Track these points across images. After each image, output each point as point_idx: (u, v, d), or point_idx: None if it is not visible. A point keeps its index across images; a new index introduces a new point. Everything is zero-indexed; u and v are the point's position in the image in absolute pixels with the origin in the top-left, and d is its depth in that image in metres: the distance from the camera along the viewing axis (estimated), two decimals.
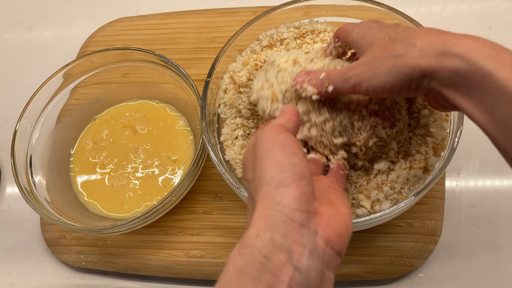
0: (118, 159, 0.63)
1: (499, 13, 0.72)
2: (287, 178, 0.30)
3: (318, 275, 0.29)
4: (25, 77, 0.78)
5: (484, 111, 0.30)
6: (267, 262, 0.28)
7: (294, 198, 0.30)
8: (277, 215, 0.29)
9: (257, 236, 0.29)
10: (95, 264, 0.59)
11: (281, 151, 0.32)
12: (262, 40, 0.56)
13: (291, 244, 0.29)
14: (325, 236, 0.30)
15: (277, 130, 0.34)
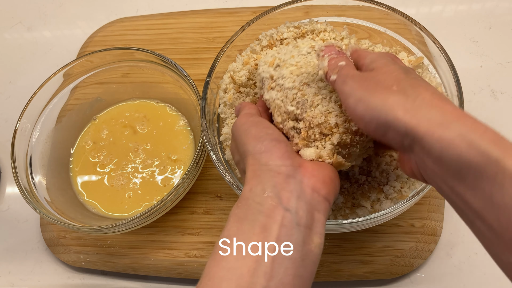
0: (118, 159, 0.63)
1: (499, 13, 0.72)
2: (266, 144, 0.36)
3: (308, 215, 0.33)
4: (25, 77, 0.78)
5: (481, 197, 0.27)
6: (260, 207, 0.33)
7: (277, 157, 0.35)
8: (265, 173, 0.34)
9: (250, 190, 0.34)
10: (95, 264, 0.59)
11: (255, 128, 0.38)
12: (262, 40, 0.56)
13: (280, 191, 0.33)
14: (310, 183, 0.35)
15: (246, 116, 0.40)
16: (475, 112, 0.64)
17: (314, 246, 0.33)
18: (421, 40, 0.52)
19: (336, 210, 0.47)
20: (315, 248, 0.33)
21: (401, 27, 0.54)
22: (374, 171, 0.48)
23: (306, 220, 0.33)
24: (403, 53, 0.53)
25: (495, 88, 0.66)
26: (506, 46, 0.69)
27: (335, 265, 0.54)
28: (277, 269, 0.31)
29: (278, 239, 0.31)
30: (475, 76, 0.67)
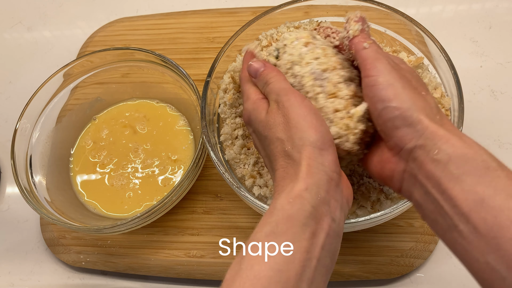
0: (118, 159, 0.63)
1: (499, 13, 0.72)
2: (326, 142, 0.35)
3: (342, 225, 0.35)
4: (25, 77, 0.78)
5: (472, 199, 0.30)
6: (314, 212, 0.32)
7: (332, 161, 0.35)
8: (321, 174, 0.34)
9: (306, 189, 0.33)
10: (95, 264, 0.59)
11: (316, 118, 0.36)
12: (262, 40, 0.56)
13: (330, 199, 0.34)
14: (346, 195, 0.36)
15: (299, 95, 0.38)
16: (475, 112, 0.64)
17: (337, 255, 0.35)
18: (421, 40, 0.52)
19: None
20: (337, 256, 0.35)
21: (401, 27, 0.54)
22: None
23: (342, 230, 0.35)
24: (403, 53, 0.53)
25: (495, 88, 0.66)
26: (506, 46, 0.69)
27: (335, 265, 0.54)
28: (317, 276, 0.31)
29: (323, 247, 0.32)
30: (475, 76, 0.67)
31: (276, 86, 0.39)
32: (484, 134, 0.62)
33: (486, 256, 0.28)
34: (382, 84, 0.34)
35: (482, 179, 0.30)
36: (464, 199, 0.30)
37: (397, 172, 0.35)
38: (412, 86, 0.35)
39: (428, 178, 0.32)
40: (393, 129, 0.34)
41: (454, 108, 0.48)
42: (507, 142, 0.61)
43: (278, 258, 0.30)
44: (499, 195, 0.29)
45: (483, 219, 0.29)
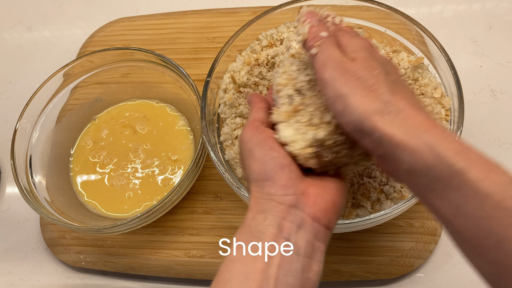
0: (118, 159, 0.63)
1: (499, 13, 0.72)
2: (269, 172, 0.35)
3: (307, 245, 0.34)
4: (25, 77, 0.78)
5: (450, 207, 0.29)
6: (261, 235, 0.33)
7: (280, 187, 0.35)
8: (267, 202, 0.35)
9: (253, 218, 0.35)
10: (95, 264, 0.59)
11: (259, 149, 0.37)
12: (262, 40, 0.56)
13: (281, 221, 0.34)
14: (312, 212, 0.34)
15: (252, 128, 0.38)
16: (475, 112, 0.64)
17: (313, 274, 0.34)
18: (421, 40, 0.52)
19: None
20: (314, 275, 0.34)
21: (401, 27, 0.54)
22: (374, 171, 0.48)
23: (305, 250, 0.34)
24: (403, 53, 0.53)
25: (495, 88, 0.66)
26: (506, 46, 0.69)
27: (335, 265, 0.54)
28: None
29: (279, 267, 0.32)
30: (475, 76, 0.67)
31: (248, 117, 0.41)
32: (484, 134, 0.62)
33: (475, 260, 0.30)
34: (331, 98, 0.33)
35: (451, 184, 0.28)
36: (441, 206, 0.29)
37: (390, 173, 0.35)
38: (361, 86, 0.32)
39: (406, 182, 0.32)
40: (359, 140, 0.33)
41: (454, 108, 0.48)
42: (507, 142, 0.61)
43: (235, 281, 0.32)
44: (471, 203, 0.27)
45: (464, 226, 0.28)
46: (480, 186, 0.27)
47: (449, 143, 0.29)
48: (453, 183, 0.28)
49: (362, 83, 0.32)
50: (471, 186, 0.27)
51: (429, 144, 0.29)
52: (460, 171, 0.28)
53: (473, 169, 0.27)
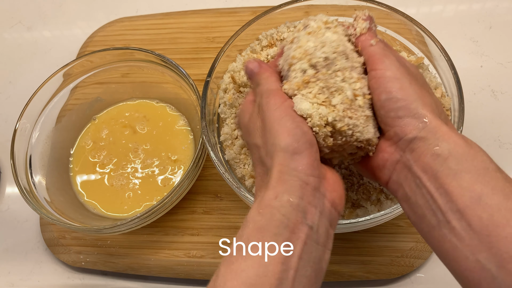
0: (117, 159, 0.63)
1: (500, 13, 0.72)
2: (300, 145, 0.33)
3: (325, 232, 0.33)
4: (25, 77, 0.78)
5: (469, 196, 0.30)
6: (285, 220, 0.31)
7: (307, 165, 0.33)
8: (293, 180, 0.32)
9: (276, 197, 0.32)
10: (95, 264, 0.59)
11: (291, 120, 0.34)
12: (262, 40, 0.56)
13: (306, 205, 0.32)
14: (331, 198, 0.34)
15: (281, 97, 0.36)
16: (475, 112, 0.64)
17: (324, 263, 0.33)
18: (421, 40, 0.52)
19: None
20: (325, 264, 0.33)
21: (401, 27, 0.54)
22: None
23: (324, 238, 0.33)
24: (403, 53, 0.53)
25: (496, 88, 0.66)
26: (507, 46, 0.69)
27: (335, 265, 0.54)
28: (296, 286, 0.30)
29: (300, 257, 0.30)
30: (476, 76, 0.67)
31: (264, 88, 0.38)
32: (485, 134, 0.62)
33: (477, 254, 0.28)
34: (389, 77, 0.34)
35: (481, 177, 0.30)
36: (460, 195, 0.30)
37: (390, 162, 0.35)
38: (419, 84, 0.35)
39: (425, 171, 0.32)
40: (396, 119, 0.34)
41: (455, 108, 0.48)
42: (507, 142, 0.61)
43: (251, 272, 0.29)
44: (497, 195, 0.29)
45: (479, 216, 0.29)
46: (508, 185, 0.29)
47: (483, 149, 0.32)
48: (484, 176, 0.30)
49: (418, 82, 0.35)
50: (501, 184, 0.29)
51: (470, 142, 0.32)
52: (493, 169, 0.30)
53: (504, 172, 0.30)
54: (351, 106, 0.36)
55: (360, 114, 0.36)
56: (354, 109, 0.36)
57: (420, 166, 0.32)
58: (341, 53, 0.38)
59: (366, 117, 0.36)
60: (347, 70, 0.37)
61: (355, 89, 0.37)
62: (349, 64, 0.38)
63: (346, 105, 0.36)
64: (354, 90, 0.37)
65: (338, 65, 0.37)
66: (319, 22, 0.39)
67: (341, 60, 0.37)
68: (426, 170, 0.32)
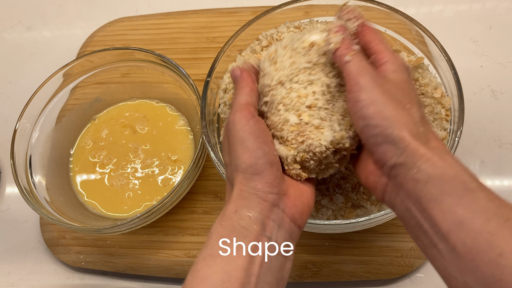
0: (117, 159, 0.63)
1: (500, 12, 0.72)
2: (260, 166, 0.35)
3: (284, 245, 0.35)
4: (25, 77, 0.78)
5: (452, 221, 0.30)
6: (245, 231, 0.33)
7: (266, 183, 0.35)
8: (252, 197, 0.35)
9: (236, 211, 0.35)
10: (95, 264, 0.59)
11: (253, 140, 0.36)
12: (262, 40, 0.56)
13: (264, 219, 0.34)
14: (290, 213, 0.36)
15: (247, 115, 0.37)
16: (476, 112, 0.64)
17: (286, 272, 0.35)
18: (421, 40, 0.52)
19: (336, 210, 0.47)
20: (287, 273, 0.35)
21: (401, 27, 0.54)
22: None
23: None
24: (403, 53, 0.53)
25: (495, 88, 0.66)
26: (507, 46, 0.69)
27: (335, 265, 0.54)
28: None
29: (261, 265, 0.33)
30: (476, 76, 0.67)
31: (235, 100, 0.39)
32: (484, 134, 0.62)
33: (464, 276, 0.29)
34: (364, 101, 0.34)
35: (461, 200, 0.30)
36: (443, 220, 0.30)
37: (380, 184, 0.35)
38: (395, 101, 0.34)
39: (409, 196, 0.32)
40: (375, 146, 0.34)
41: (455, 108, 0.48)
42: (507, 142, 0.61)
43: (216, 278, 0.31)
44: (478, 218, 0.29)
45: (462, 241, 0.29)
46: (489, 205, 0.29)
47: (465, 166, 0.32)
48: (464, 198, 0.30)
49: (397, 99, 0.34)
50: (482, 205, 0.29)
51: (450, 162, 0.32)
52: (474, 189, 0.30)
53: (485, 189, 0.30)
54: (299, 130, 0.38)
55: (309, 131, 0.38)
56: (302, 131, 0.38)
57: (405, 191, 0.33)
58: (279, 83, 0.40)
59: (315, 128, 0.38)
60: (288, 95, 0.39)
61: (298, 110, 0.38)
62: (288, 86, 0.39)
63: (294, 133, 0.38)
64: (296, 112, 0.38)
65: (277, 99, 0.39)
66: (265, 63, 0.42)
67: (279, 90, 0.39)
68: (410, 195, 0.32)
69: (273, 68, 0.41)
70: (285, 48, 0.41)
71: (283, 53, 0.41)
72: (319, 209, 0.48)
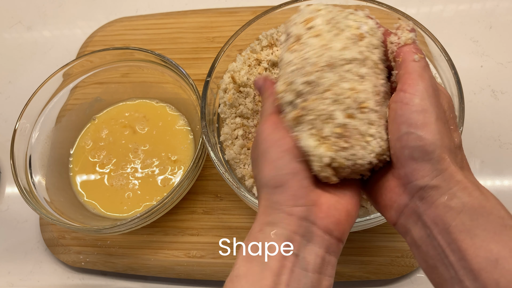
0: (117, 159, 0.63)
1: (500, 12, 0.72)
2: (282, 177, 0.33)
3: (317, 259, 0.32)
4: (25, 77, 0.78)
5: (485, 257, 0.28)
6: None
7: (290, 196, 0.32)
8: (276, 212, 0.32)
9: (260, 230, 0.32)
10: (95, 264, 0.59)
11: (276, 150, 0.34)
12: (262, 40, 0.56)
13: (290, 234, 0.32)
14: (323, 225, 0.32)
15: (270, 125, 0.35)
16: (476, 112, 0.64)
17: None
18: (421, 40, 0.52)
19: None
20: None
21: None
22: None
23: (314, 265, 0.32)
24: None
25: (496, 88, 0.66)
26: (507, 46, 0.69)
27: None
28: None
29: (287, 285, 0.30)
30: (476, 76, 0.67)
31: (263, 109, 0.37)
32: (485, 134, 0.62)
33: None
34: (416, 107, 0.31)
35: (498, 237, 0.27)
36: (475, 255, 0.28)
37: (397, 204, 0.32)
38: (445, 119, 0.32)
39: (435, 223, 0.30)
40: (409, 159, 0.31)
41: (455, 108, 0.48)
42: (507, 142, 0.61)
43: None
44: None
45: (496, 281, 0.27)
46: None
47: (499, 201, 0.30)
48: (500, 235, 0.28)
49: (445, 116, 0.32)
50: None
51: (486, 194, 0.29)
52: (511, 226, 0.28)
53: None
54: (345, 132, 0.33)
55: (356, 138, 0.33)
56: (349, 134, 0.33)
57: (431, 216, 0.30)
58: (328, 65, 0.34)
59: (362, 135, 0.33)
60: (338, 83, 0.34)
61: (348, 107, 0.33)
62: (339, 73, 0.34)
63: (338, 133, 0.33)
64: (346, 109, 0.33)
65: (325, 84, 0.34)
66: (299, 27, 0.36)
67: (328, 74, 0.34)
68: (437, 222, 0.30)
69: (317, 42, 0.35)
70: (328, 24, 0.36)
71: (327, 28, 0.35)
72: None
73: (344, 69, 0.34)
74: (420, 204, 0.31)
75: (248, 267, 0.31)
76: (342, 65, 0.34)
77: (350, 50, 0.34)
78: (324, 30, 0.35)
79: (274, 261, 0.31)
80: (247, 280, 0.31)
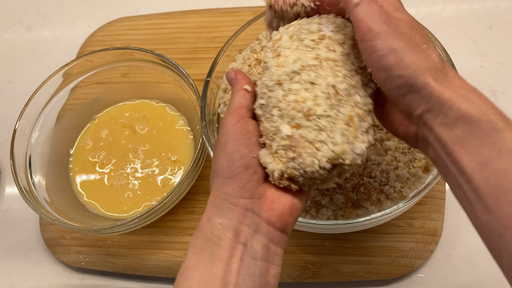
0: (117, 159, 0.63)
1: (500, 12, 0.72)
2: (234, 170, 0.35)
3: (264, 249, 0.34)
4: (25, 77, 0.78)
5: (477, 162, 0.30)
6: (218, 240, 0.33)
7: (238, 188, 0.34)
8: (223, 203, 0.34)
9: (208, 220, 0.34)
10: (95, 264, 0.59)
11: (233, 143, 0.35)
12: (262, 40, 0.56)
13: (237, 225, 0.34)
14: (266, 217, 0.35)
15: (235, 118, 0.37)
16: None
17: (271, 277, 0.34)
18: None
19: (336, 210, 0.47)
20: (272, 278, 0.34)
21: None
22: (375, 171, 0.48)
23: (262, 254, 0.34)
24: None
25: (496, 88, 0.66)
26: (507, 46, 0.69)
27: (335, 265, 0.54)
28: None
29: (238, 273, 0.32)
30: (476, 76, 0.67)
31: (229, 104, 0.39)
32: None
33: (486, 215, 0.29)
34: (382, 51, 0.32)
35: (488, 140, 0.30)
36: (468, 161, 0.30)
37: (410, 133, 0.35)
38: (413, 44, 0.32)
39: (437, 141, 0.32)
40: (400, 97, 0.33)
41: None
42: None
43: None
44: (503, 158, 0.29)
45: (486, 181, 0.29)
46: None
47: (491, 105, 0.32)
48: (490, 138, 0.30)
49: (414, 42, 0.32)
50: (507, 144, 0.29)
51: (475, 102, 0.32)
52: (500, 129, 0.30)
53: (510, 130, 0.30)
54: (292, 142, 0.34)
55: (302, 146, 0.34)
56: (295, 144, 0.34)
57: (433, 136, 0.33)
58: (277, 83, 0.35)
59: (310, 142, 0.33)
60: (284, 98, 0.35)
61: (292, 118, 0.34)
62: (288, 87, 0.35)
63: (285, 145, 0.34)
64: (291, 121, 0.34)
65: (272, 102, 0.35)
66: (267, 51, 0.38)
67: (276, 92, 0.35)
68: (438, 140, 0.32)
69: (275, 63, 0.36)
70: (291, 38, 0.37)
71: (288, 45, 0.37)
72: (319, 209, 0.48)
73: (294, 80, 0.35)
74: (424, 129, 0.33)
75: (198, 258, 0.33)
76: (292, 78, 0.35)
77: (302, 60, 0.35)
78: (285, 47, 0.37)
79: (223, 250, 0.33)
80: (198, 271, 0.32)
